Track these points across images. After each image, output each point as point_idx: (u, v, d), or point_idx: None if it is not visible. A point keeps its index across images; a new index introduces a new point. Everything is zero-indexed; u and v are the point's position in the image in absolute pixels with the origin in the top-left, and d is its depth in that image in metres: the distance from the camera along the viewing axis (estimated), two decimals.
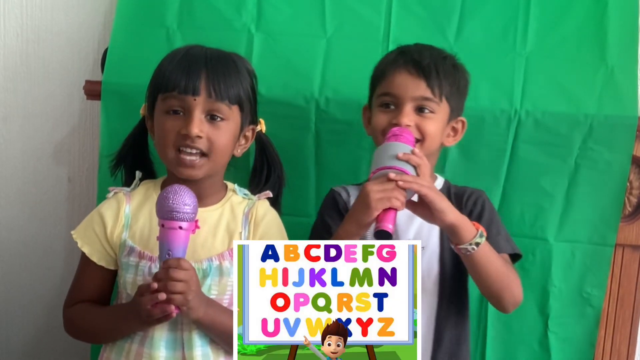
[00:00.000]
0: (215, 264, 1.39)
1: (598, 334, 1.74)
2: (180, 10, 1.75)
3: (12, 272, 1.95)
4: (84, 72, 1.87)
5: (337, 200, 1.55)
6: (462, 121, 1.54)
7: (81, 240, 1.45)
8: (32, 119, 1.90)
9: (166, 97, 1.39)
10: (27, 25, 1.87)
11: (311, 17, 1.76)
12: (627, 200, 1.71)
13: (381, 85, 1.50)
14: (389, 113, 1.48)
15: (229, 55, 1.44)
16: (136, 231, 1.42)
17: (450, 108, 1.49)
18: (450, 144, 1.55)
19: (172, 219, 1.28)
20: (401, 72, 1.48)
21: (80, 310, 1.43)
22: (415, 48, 1.52)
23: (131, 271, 1.40)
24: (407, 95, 1.46)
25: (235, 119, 1.41)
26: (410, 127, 1.44)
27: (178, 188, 1.30)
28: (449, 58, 1.53)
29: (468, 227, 1.37)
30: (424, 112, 1.46)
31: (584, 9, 1.74)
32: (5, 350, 1.98)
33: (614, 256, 1.72)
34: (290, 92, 1.68)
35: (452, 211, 1.36)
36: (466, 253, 1.37)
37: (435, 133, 1.47)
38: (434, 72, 1.46)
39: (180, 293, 1.28)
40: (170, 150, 1.39)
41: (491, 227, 1.48)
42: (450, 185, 1.57)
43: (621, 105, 1.67)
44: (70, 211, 1.93)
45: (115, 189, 1.47)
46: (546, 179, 1.69)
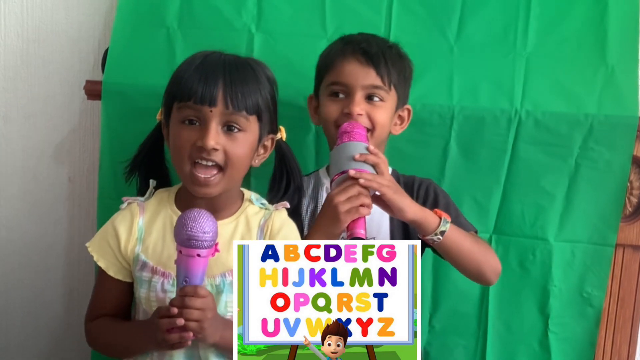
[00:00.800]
0: (229, 279, 1.36)
1: (598, 334, 1.74)
2: (181, 10, 1.75)
3: (12, 272, 1.95)
4: (85, 72, 1.87)
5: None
6: (407, 109, 1.57)
7: (97, 253, 1.42)
8: (32, 118, 1.90)
9: (182, 107, 1.34)
10: (27, 25, 1.87)
11: (311, 17, 1.76)
12: (627, 201, 1.71)
13: (330, 74, 1.51)
14: (339, 102, 1.49)
15: (247, 63, 1.40)
16: (149, 245, 1.39)
17: (397, 96, 1.51)
18: (397, 132, 1.57)
19: (190, 247, 1.24)
20: (350, 60, 1.49)
21: (100, 325, 1.42)
22: (361, 37, 1.54)
23: (144, 286, 1.38)
24: (357, 84, 1.48)
25: (253, 129, 1.37)
26: (361, 117, 1.46)
27: (197, 214, 1.25)
28: (394, 47, 1.55)
29: (430, 218, 1.40)
30: (374, 101, 1.48)
31: (584, 9, 1.74)
32: (5, 350, 1.98)
33: (615, 256, 1.72)
34: (290, 92, 1.68)
35: (411, 207, 1.39)
36: (433, 243, 1.41)
37: (385, 121, 1.49)
38: (382, 60, 1.48)
39: (196, 321, 1.25)
40: (186, 164, 1.34)
41: (449, 210, 1.50)
42: (399, 175, 1.58)
43: (621, 105, 1.67)
44: (70, 211, 1.93)
45: (129, 199, 1.44)
46: (546, 179, 1.69)
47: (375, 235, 1.51)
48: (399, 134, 1.58)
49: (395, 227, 1.51)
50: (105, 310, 1.43)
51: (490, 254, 1.49)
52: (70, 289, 1.95)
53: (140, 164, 1.48)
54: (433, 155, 1.70)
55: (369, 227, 1.45)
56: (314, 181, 1.59)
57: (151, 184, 1.45)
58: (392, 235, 1.52)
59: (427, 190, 1.55)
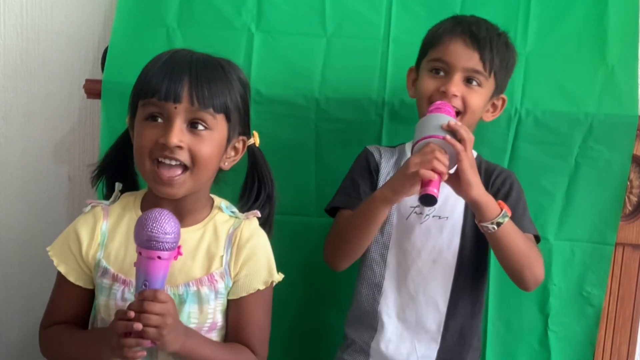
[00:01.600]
0: (193, 289, 1.30)
1: (598, 333, 1.74)
2: (180, 9, 1.75)
3: (12, 272, 1.95)
4: (84, 71, 1.87)
5: (368, 160, 1.57)
6: (502, 98, 1.56)
7: (57, 258, 1.37)
8: (32, 117, 1.90)
9: (146, 104, 1.28)
10: (27, 24, 1.87)
11: (311, 16, 1.76)
12: (627, 200, 1.71)
13: (434, 50, 1.51)
14: (438, 79, 1.49)
15: (217, 61, 1.33)
16: (111, 251, 1.33)
17: (495, 84, 1.51)
18: (488, 119, 1.56)
19: (150, 248, 1.18)
20: (457, 40, 1.49)
21: (56, 332, 1.35)
22: (473, 19, 1.54)
23: (104, 294, 1.31)
24: (459, 65, 1.47)
25: (220, 129, 1.30)
26: (455, 98, 1.46)
27: (159, 214, 1.19)
28: (503, 35, 1.54)
29: (492, 205, 1.39)
30: (472, 84, 1.48)
31: (584, 9, 1.74)
32: (5, 350, 1.98)
33: (614, 255, 1.72)
34: (290, 92, 1.68)
35: (479, 187, 1.38)
36: (487, 231, 1.40)
37: (477, 106, 1.49)
38: (488, 46, 1.48)
39: (155, 327, 1.18)
40: (147, 161, 1.28)
41: (517, 207, 1.49)
42: (482, 160, 1.58)
43: (621, 104, 1.67)
44: (70, 210, 1.93)
45: (93, 202, 1.38)
46: (546, 178, 1.69)
47: (448, 215, 1.51)
48: (489, 121, 1.57)
49: (470, 210, 1.49)
50: (61, 318, 1.37)
51: (538, 262, 1.47)
52: None
53: (107, 168, 1.42)
54: None
55: (444, 207, 1.50)
56: (397, 153, 1.59)
57: (117, 187, 1.40)
58: (465, 217, 1.52)
59: (504, 181, 1.54)
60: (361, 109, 1.69)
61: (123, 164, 1.42)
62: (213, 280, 1.31)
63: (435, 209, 1.50)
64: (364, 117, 1.69)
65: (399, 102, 1.69)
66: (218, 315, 1.34)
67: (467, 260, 1.52)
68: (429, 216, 1.51)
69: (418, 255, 1.51)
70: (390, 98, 1.69)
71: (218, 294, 1.32)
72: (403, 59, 1.70)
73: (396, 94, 1.69)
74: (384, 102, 1.69)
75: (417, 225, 1.51)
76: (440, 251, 1.51)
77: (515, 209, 1.46)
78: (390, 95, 1.70)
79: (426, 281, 1.51)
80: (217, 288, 1.32)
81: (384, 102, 1.69)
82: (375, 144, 1.64)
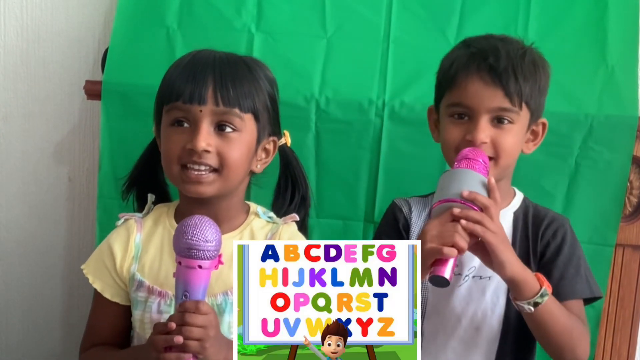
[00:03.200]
0: (232, 298, 1.26)
1: (598, 334, 1.74)
2: (180, 10, 1.75)
3: (12, 272, 1.95)
4: (84, 71, 1.87)
5: (396, 218, 1.42)
6: (543, 123, 1.40)
7: (92, 275, 1.32)
8: (32, 118, 1.90)
9: (170, 109, 1.25)
10: (27, 25, 1.87)
11: (311, 17, 1.75)
12: (627, 200, 1.71)
13: (452, 93, 1.34)
14: (462, 125, 1.32)
15: (241, 59, 1.30)
16: (145, 263, 1.29)
17: (530, 113, 1.34)
18: (530, 150, 1.40)
19: (190, 257, 1.12)
20: (474, 79, 1.30)
21: (94, 355, 1.31)
22: (488, 45, 1.33)
23: (140, 307, 1.28)
24: (482, 107, 1.29)
25: (249, 129, 1.26)
26: (485, 145, 1.29)
27: (199, 221, 1.13)
28: (529, 53, 1.34)
29: (530, 283, 1.22)
30: (503, 124, 1.31)
31: (584, 9, 1.74)
32: (5, 350, 1.98)
33: (614, 256, 1.72)
34: (290, 92, 1.68)
35: (514, 264, 1.22)
36: (522, 310, 1.25)
37: (512, 148, 1.32)
38: (512, 77, 1.29)
39: (197, 340, 1.13)
40: (175, 166, 1.25)
41: (569, 265, 1.33)
42: (530, 205, 1.42)
43: (621, 105, 1.67)
44: (70, 211, 1.93)
45: (126, 215, 1.35)
46: (546, 179, 1.69)
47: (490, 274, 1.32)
48: (531, 152, 1.41)
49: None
50: (100, 339, 1.32)
51: (582, 342, 1.31)
52: (70, 288, 1.95)
53: (136, 180, 1.39)
54: (433, 155, 1.69)
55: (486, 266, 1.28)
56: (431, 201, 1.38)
57: (149, 198, 1.36)
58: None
59: (555, 233, 1.37)
60: (361, 110, 1.69)
61: (152, 175, 1.39)
62: None
63: (475, 269, 1.35)
64: (364, 118, 1.69)
65: (399, 103, 1.69)
66: None
67: (514, 326, 1.36)
68: (469, 277, 1.36)
69: (458, 322, 1.36)
70: (391, 99, 1.69)
71: None
72: (403, 59, 1.71)
73: (396, 94, 1.69)
74: (384, 103, 1.69)
75: (456, 287, 1.36)
76: (483, 317, 1.36)
77: (566, 267, 1.30)
78: (390, 96, 1.69)
79: (468, 350, 1.36)
80: None
81: (384, 103, 1.69)
82: (376, 146, 1.64)
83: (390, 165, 1.67)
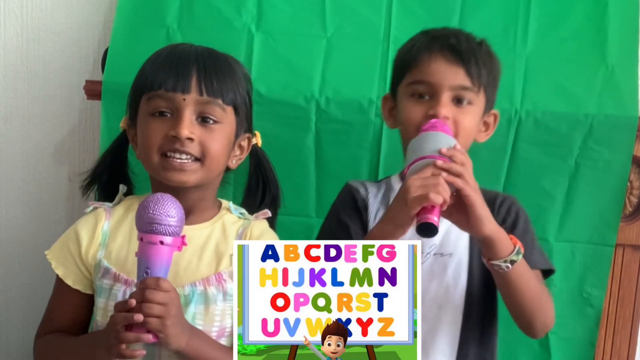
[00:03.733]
0: (200, 289, 1.25)
1: (598, 334, 1.74)
2: (180, 10, 1.75)
3: (12, 272, 1.95)
4: (84, 71, 1.87)
5: (355, 197, 1.43)
6: (494, 114, 1.44)
7: (55, 260, 1.32)
8: (32, 118, 1.90)
9: (151, 97, 1.24)
10: (27, 25, 1.87)
11: (311, 17, 1.76)
12: (627, 200, 1.71)
13: (412, 72, 1.36)
14: (424, 104, 1.34)
15: (223, 55, 1.31)
16: (112, 250, 1.28)
17: (485, 99, 1.38)
18: (482, 139, 1.43)
19: (151, 232, 1.12)
20: (437, 58, 1.33)
21: (50, 341, 1.29)
22: (448, 31, 1.40)
23: (104, 295, 1.26)
24: (444, 84, 1.32)
25: (230, 122, 1.27)
26: (447, 121, 1.31)
27: (161, 197, 1.13)
28: (484, 44, 1.41)
29: (505, 241, 1.23)
30: (462, 104, 1.34)
31: (584, 9, 1.74)
32: (4, 351, 1.98)
33: (614, 256, 1.72)
34: (290, 92, 1.68)
35: (491, 222, 1.22)
36: (499, 270, 1.24)
37: (471, 128, 1.35)
38: (473, 58, 1.34)
39: (157, 317, 1.11)
40: (155, 154, 1.23)
41: (525, 238, 1.34)
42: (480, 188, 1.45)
43: (621, 105, 1.67)
44: (70, 211, 1.93)
45: (96, 204, 1.34)
46: (546, 179, 1.69)
47: (452, 251, 1.36)
48: (483, 141, 1.44)
49: (475, 246, 1.36)
50: (58, 326, 1.30)
51: (549, 306, 1.33)
52: None
53: (100, 174, 1.38)
54: None
55: (446, 242, 1.35)
56: (385, 187, 1.45)
57: (121, 189, 1.35)
58: (470, 253, 1.37)
59: (509, 209, 1.40)
60: (361, 110, 1.69)
61: (119, 169, 1.38)
62: (221, 279, 1.28)
63: (436, 246, 1.36)
64: (364, 118, 1.69)
65: None
66: (226, 320, 1.29)
67: (477, 302, 1.38)
68: (430, 254, 1.37)
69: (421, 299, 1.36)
70: None
71: (226, 295, 1.29)
72: None
73: None
74: None
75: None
76: (446, 293, 1.37)
77: (523, 240, 1.29)
78: None
79: (433, 329, 1.37)
80: (226, 288, 1.28)
81: None
82: (375, 147, 1.64)
83: (390, 165, 1.67)
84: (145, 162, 1.28)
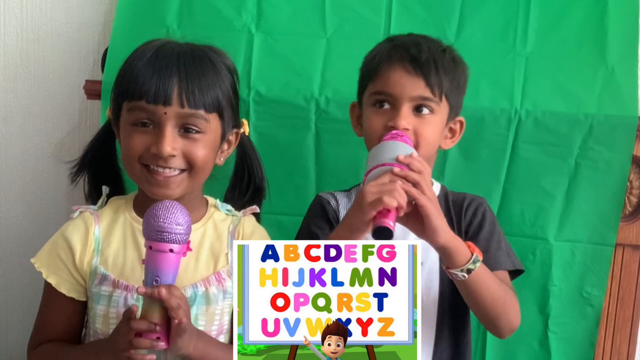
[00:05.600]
0: (201, 290, 1.27)
1: (598, 334, 1.74)
2: (180, 10, 1.75)
3: (12, 272, 1.95)
4: (84, 71, 1.87)
5: (325, 209, 1.44)
6: (460, 121, 1.45)
7: (46, 269, 1.27)
8: (32, 118, 1.90)
9: (133, 107, 1.21)
10: (27, 25, 1.87)
11: (311, 17, 1.76)
12: (627, 200, 1.71)
13: (374, 82, 1.38)
14: (384, 114, 1.36)
15: (204, 52, 1.27)
16: (108, 256, 1.26)
17: (449, 107, 1.38)
18: (447, 146, 1.45)
19: (161, 241, 1.11)
20: (397, 69, 1.35)
21: (47, 351, 1.27)
22: (410, 40, 1.40)
23: (103, 302, 1.25)
24: (404, 95, 1.34)
25: (214, 129, 1.25)
26: (407, 132, 1.32)
27: (170, 204, 1.13)
28: (448, 51, 1.41)
29: (461, 250, 1.25)
30: (423, 113, 1.35)
31: (584, 9, 1.74)
32: (4, 351, 1.98)
33: (614, 256, 1.72)
34: (290, 92, 1.68)
35: (446, 232, 1.24)
36: (456, 278, 1.27)
37: (432, 137, 1.36)
38: (433, 68, 1.34)
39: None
40: (137, 165, 1.22)
41: (491, 240, 1.38)
42: (448, 192, 1.47)
43: (621, 105, 1.67)
44: (70, 211, 1.92)
45: (81, 208, 1.32)
46: (546, 179, 1.69)
47: (422, 260, 1.34)
48: (449, 148, 1.46)
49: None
50: (53, 335, 1.28)
51: (512, 308, 1.34)
52: None
53: (89, 163, 1.36)
54: None
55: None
56: (354, 196, 1.41)
57: (104, 190, 1.33)
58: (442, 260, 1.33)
59: (476, 211, 1.41)
60: None
61: (107, 159, 1.36)
62: (221, 278, 1.29)
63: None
64: None
65: None
66: (225, 318, 1.31)
67: (449, 306, 1.40)
68: None
69: None
70: None
71: (226, 294, 1.30)
72: None
73: None
74: None
75: None
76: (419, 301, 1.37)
77: (489, 242, 1.34)
78: None
79: None
80: (225, 287, 1.30)
81: None
82: None
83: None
84: (128, 171, 1.27)
